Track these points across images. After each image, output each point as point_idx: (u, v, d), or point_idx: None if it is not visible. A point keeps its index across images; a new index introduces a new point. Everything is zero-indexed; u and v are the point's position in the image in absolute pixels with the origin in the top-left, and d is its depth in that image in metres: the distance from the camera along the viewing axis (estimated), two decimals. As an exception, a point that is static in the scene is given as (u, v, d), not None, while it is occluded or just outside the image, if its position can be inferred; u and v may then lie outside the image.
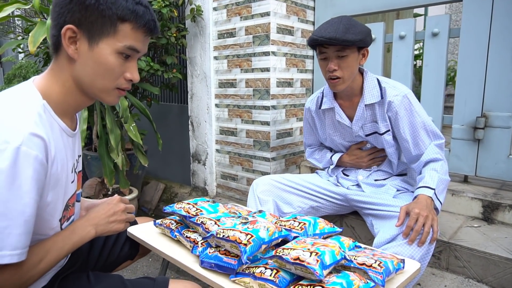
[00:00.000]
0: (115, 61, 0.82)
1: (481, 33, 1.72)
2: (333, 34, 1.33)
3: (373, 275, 0.91)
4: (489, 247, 1.41)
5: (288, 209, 1.65)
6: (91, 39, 0.80)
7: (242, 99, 2.28)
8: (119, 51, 0.82)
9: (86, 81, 0.84)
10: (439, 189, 1.34)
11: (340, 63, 1.39)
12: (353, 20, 1.39)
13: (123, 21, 0.81)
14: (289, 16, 2.18)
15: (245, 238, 0.94)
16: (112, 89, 0.86)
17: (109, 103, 0.90)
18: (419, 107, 1.45)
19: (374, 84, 1.48)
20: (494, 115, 1.72)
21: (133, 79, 0.87)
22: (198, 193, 2.65)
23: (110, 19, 0.80)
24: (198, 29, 2.43)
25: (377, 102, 1.47)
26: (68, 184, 0.89)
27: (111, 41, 0.81)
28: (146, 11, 0.83)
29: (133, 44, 0.83)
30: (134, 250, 1.32)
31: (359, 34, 1.34)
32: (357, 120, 1.53)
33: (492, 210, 1.63)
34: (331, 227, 1.16)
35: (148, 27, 0.83)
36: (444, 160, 1.41)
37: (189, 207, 1.22)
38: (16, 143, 0.70)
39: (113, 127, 2.10)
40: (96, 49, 0.81)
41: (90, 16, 0.79)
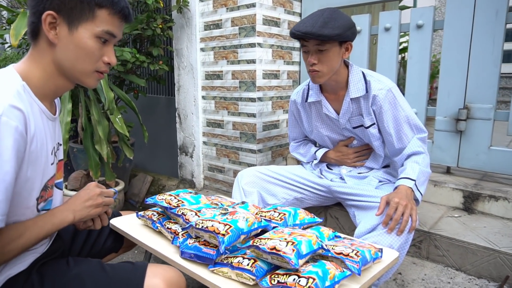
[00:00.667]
0: (94, 44, 0.87)
1: (464, 26, 1.73)
2: (310, 28, 1.32)
3: (350, 264, 0.92)
4: (468, 236, 1.44)
5: (272, 200, 1.66)
6: (71, 24, 0.85)
7: (229, 91, 2.27)
8: (97, 35, 0.87)
9: (67, 64, 0.88)
10: (419, 180, 1.36)
11: (320, 57, 1.39)
12: (337, 13, 1.37)
13: (100, 7, 0.86)
14: (275, 7, 2.17)
15: (223, 229, 0.95)
16: (92, 71, 0.91)
17: (89, 86, 0.94)
18: (403, 101, 1.46)
19: (359, 78, 1.48)
20: (476, 107, 1.74)
21: (111, 62, 0.92)
22: (186, 185, 2.65)
23: (89, 5, 0.85)
24: (184, 21, 2.41)
25: (362, 95, 1.48)
26: (47, 165, 0.91)
27: (90, 25, 0.86)
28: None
29: (110, 29, 0.88)
30: (119, 243, 1.31)
31: (337, 28, 1.32)
32: (343, 113, 1.53)
33: (473, 200, 1.66)
34: (311, 218, 1.17)
35: (123, 13, 0.89)
36: (426, 153, 1.43)
37: (170, 198, 1.22)
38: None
39: (100, 118, 2.09)
40: (76, 34, 0.85)
41: (70, 2, 0.84)
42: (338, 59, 1.42)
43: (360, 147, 1.63)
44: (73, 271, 0.95)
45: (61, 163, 1.04)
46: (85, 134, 2.17)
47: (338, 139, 1.66)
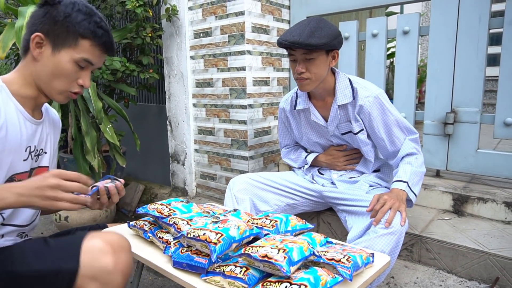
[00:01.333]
0: (71, 68, 0.99)
1: (448, 31, 1.77)
2: (297, 38, 1.34)
3: (341, 269, 0.93)
4: (458, 238, 1.46)
5: (264, 207, 1.66)
6: (55, 47, 0.98)
7: (219, 99, 2.28)
8: (76, 61, 0.99)
9: (43, 79, 1.00)
10: (412, 181, 1.39)
11: (307, 65, 1.41)
12: (323, 22, 1.39)
13: (83, 38, 0.98)
14: (264, 15, 2.19)
15: (215, 237, 0.95)
16: (64, 91, 1.02)
17: (58, 102, 1.05)
18: (391, 106, 1.48)
19: (346, 85, 1.50)
20: (462, 110, 1.77)
21: (84, 85, 1.03)
22: (178, 193, 2.64)
23: (73, 34, 0.97)
24: (174, 29, 2.41)
25: (349, 102, 1.50)
26: (18, 159, 0.99)
27: (71, 52, 0.98)
28: (104, 34, 1.01)
29: (89, 58, 1.00)
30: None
31: (323, 38, 1.35)
32: (331, 120, 1.55)
33: (462, 203, 1.69)
34: (303, 224, 1.17)
35: (104, 46, 1.02)
36: (419, 153, 1.46)
37: (162, 207, 1.22)
38: None
39: (88, 129, 2.08)
40: (58, 56, 0.98)
41: (57, 29, 0.97)
42: (325, 67, 1.44)
43: (350, 150, 1.65)
44: (18, 244, 1.00)
45: (43, 169, 1.11)
46: (75, 144, 2.16)
47: (327, 145, 1.68)
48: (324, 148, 1.71)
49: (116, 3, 2.35)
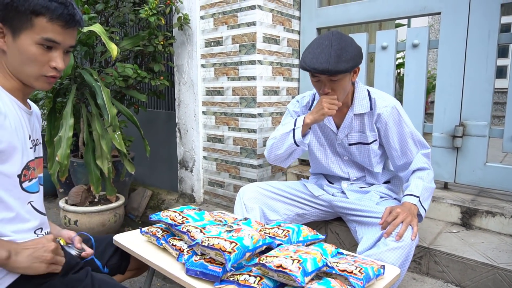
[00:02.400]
0: (36, 51, 0.92)
1: (458, 44, 1.79)
2: (326, 65, 1.32)
3: (354, 281, 0.94)
4: (467, 252, 1.46)
5: (274, 216, 1.67)
6: (14, 32, 0.91)
7: (229, 107, 2.30)
8: (37, 42, 0.92)
9: (15, 68, 0.95)
10: (423, 196, 1.40)
11: (333, 86, 1.41)
12: (344, 41, 1.37)
13: (37, 15, 0.90)
14: (275, 25, 2.22)
15: (229, 246, 0.97)
16: (39, 75, 0.96)
17: (41, 89, 1.00)
18: (407, 118, 1.51)
19: (364, 95, 1.52)
20: (471, 124, 1.79)
21: (57, 67, 0.96)
22: (185, 199, 2.66)
23: (25, 14, 0.89)
24: (185, 37, 2.45)
25: (366, 112, 1.51)
26: (27, 147, 1.00)
27: (30, 33, 0.91)
28: (59, 6, 0.91)
29: (50, 36, 0.92)
30: (124, 262, 1.31)
31: (350, 61, 1.34)
32: (343, 128, 1.56)
33: (470, 216, 1.69)
34: (314, 234, 1.19)
35: (63, 20, 0.92)
36: (430, 169, 1.48)
37: (175, 215, 1.24)
38: None
39: (103, 133, 2.11)
40: (18, 41, 0.91)
41: (9, 13, 0.90)
42: (349, 83, 1.46)
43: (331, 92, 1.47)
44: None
45: (41, 160, 1.12)
46: (86, 149, 2.19)
47: (330, 149, 1.66)
48: (327, 154, 1.68)
49: (130, 11, 2.39)
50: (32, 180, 1.02)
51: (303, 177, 2.17)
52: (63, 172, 2.01)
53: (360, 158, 1.60)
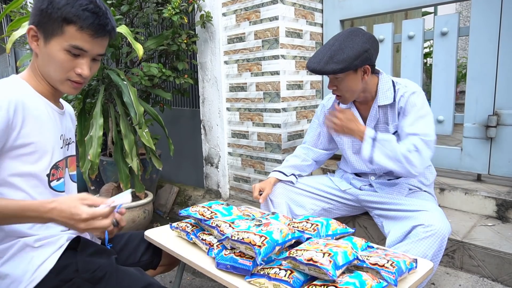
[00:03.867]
0: (63, 57, 0.96)
1: (490, 31, 1.71)
2: (316, 65, 1.39)
3: (386, 274, 0.93)
4: (504, 246, 1.41)
5: (300, 211, 1.67)
6: (46, 37, 0.96)
7: (253, 103, 2.31)
8: (65, 49, 0.95)
9: (44, 71, 1.00)
10: (382, 146, 1.35)
11: (337, 84, 1.44)
12: (348, 41, 1.37)
13: (68, 23, 0.93)
14: (297, 19, 2.20)
15: (259, 240, 0.97)
16: (64, 79, 0.99)
17: (66, 92, 1.04)
18: (421, 105, 1.41)
19: (389, 86, 1.48)
20: (506, 113, 1.71)
21: (82, 74, 0.99)
22: (212, 195, 2.69)
23: (57, 21, 0.93)
24: (208, 35, 2.47)
25: (390, 104, 1.48)
26: (57, 147, 1.03)
27: (59, 40, 0.95)
28: (90, 16, 0.94)
29: (78, 44, 0.95)
30: (156, 258, 1.34)
31: (341, 62, 1.34)
32: (370, 120, 1.54)
33: (507, 208, 1.63)
34: (343, 228, 1.18)
35: (93, 30, 0.95)
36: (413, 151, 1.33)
37: (203, 210, 1.26)
38: None
39: (127, 132, 2.16)
40: (49, 46, 0.96)
41: (43, 18, 0.94)
42: (357, 82, 1.43)
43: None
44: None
45: (74, 158, 1.16)
46: (115, 148, 2.25)
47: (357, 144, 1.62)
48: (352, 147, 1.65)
49: (153, 11, 2.43)
50: (60, 179, 1.05)
51: (329, 171, 2.15)
52: (94, 170, 2.07)
53: None
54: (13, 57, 7.05)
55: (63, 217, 0.87)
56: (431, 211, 1.30)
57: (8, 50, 1.99)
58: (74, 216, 0.87)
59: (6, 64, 7.44)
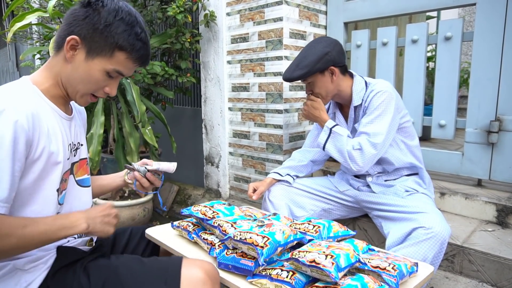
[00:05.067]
0: (101, 77, 0.96)
1: (495, 36, 1.72)
2: (286, 74, 1.58)
3: (387, 278, 0.93)
4: (504, 251, 1.41)
5: (300, 212, 1.67)
6: (89, 53, 0.94)
7: (255, 103, 2.31)
8: (107, 71, 0.96)
9: (71, 81, 0.97)
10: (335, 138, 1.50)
11: (311, 88, 1.59)
12: (311, 48, 1.54)
13: (120, 50, 0.94)
14: (301, 20, 2.20)
15: (261, 241, 0.97)
16: (87, 94, 1.00)
17: (78, 104, 1.03)
18: (381, 104, 1.45)
19: (362, 87, 1.57)
20: (508, 119, 1.72)
21: (110, 94, 1.02)
22: (212, 195, 2.69)
23: (110, 45, 0.93)
24: (211, 34, 2.47)
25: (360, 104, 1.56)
26: (65, 160, 0.98)
27: (104, 61, 0.95)
28: (143, 47, 0.96)
29: (121, 70, 0.97)
30: (155, 254, 1.34)
31: (304, 68, 1.51)
32: (350, 120, 1.63)
33: (507, 214, 1.63)
34: (344, 230, 1.18)
35: (140, 60, 0.98)
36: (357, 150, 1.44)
37: (205, 210, 1.25)
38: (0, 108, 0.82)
39: (132, 130, 2.16)
40: (90, 63, 0.94)
41: (95, 37, 0.93)
42: (328, 84, 1.56)
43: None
44: (113, 264, 1.01)
45: (83, 161, 1.11)
46: (117, 145, 2.25)
47: None
48: None
49: (157, 9, 2.43)
50: (62, 192, 1.00)
51: (330, 173, 2.15)
52: (95, 168, 2.08)
53: None
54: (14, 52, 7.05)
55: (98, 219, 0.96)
56: (431, 213, 1.31)
57: (9, 39, 1.99)
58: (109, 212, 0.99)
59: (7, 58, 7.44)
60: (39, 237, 0.85)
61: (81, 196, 1.09)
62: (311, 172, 1.83)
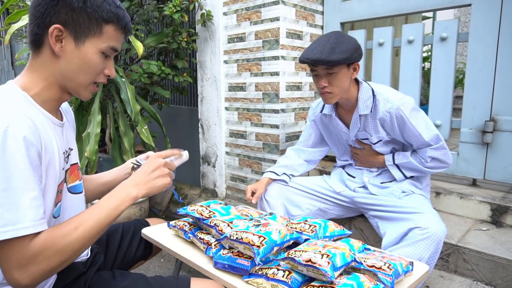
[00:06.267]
0: (98, 59, 0.89)
1: (490, 37, 1.73)
2: (318, 55, 1.38)
3: (383, 277, 0.93)
4: (498, 250, 1.42)
5: (296, 211, 1.68)
6: (77, 38, 0.86)
7: (252, 103, 2.31)
8: (102, 50, 0.89)
9: (68, 76, 0.88)
10: (405, 167, 1.54)
11: (330, 80, 1.44)
12: (342, 37, 1.43)
13: (107, 23, 0.87)
14: (298, 20, 2.21)
15: (258, 240, 0.97)
16: (90, 84, 0.92)
17: (83, 98, 0.95)
18: (414, 116, 1.45)
19: (368, 95, 1.51)
20: (503, 119, 1.73)
21: (111, 75, 0.95)
22: (208, 194, 2.69)
23: (97, 21, 0.86)
24: (208, 34, 2.47)
25: (369, 114, 1.52)
26: (60, 170, 0.90)
27: (96, 41, 0.87)
28: (124, 14, 0.90)
29: (114, 45, 0.90)
30: (148, 250, 1.35)
31: (344, 53, 1.38)
32: (352, 128, 1.59)
33: (501, 213, 1.64)
34: (340, 230, 1.18)
35: (127, 28, 0.92)
36: (430, 161, 1.48)
37: (202, 209, 1.25)
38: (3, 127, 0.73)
39: (126, 129, 2.15)
40: (82, 48, 0.86)
41: (77, 17, 0.84)
42: (347, 80, 1.47)
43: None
44: (121, 285, 0.97)
45: (74, 167, 1.02)
46: (113, 145, 2.24)
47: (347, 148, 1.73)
48: (345, 151, 1.75)
49: (154, 8, 2.43)
50: (57, 204, 0.92)
51: (325, 172, 2.16)
52: (92, 167, 2.07)
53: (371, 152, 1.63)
54: (9, 50, 7.00)
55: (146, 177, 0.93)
56: (427, 214, 1.32)
57: (7, 42, 1.98)
58: (156, 164, 0.95)
59: (2, 57, 7.39)
60: (96, 229, 0.82)
61: (73, 205, 1.00)
62: (306, 171, 1.83)
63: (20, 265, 0.74)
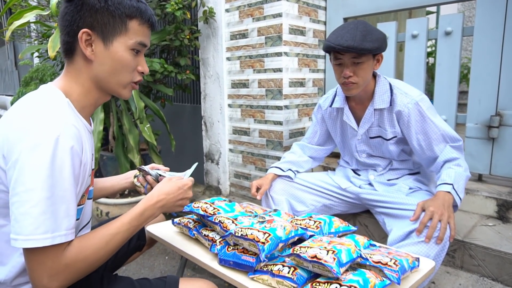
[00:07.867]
0: (129, 57, 0.90)
1: (495, 31, 1.71)
2: (351, 42, 1.32)
3: (389, 273, 0.93)
4: (504, 246, 1.41)
5: (301, 207, 1.67)
6: (105, 39, 0.87)
7: (255, 99, 2.30)
8: (131, 47, 0.90)
9: (104, 78, 0.90)
10: (458, 184, 1.33)
11: (355, 69, 1.39)
12: (369, 26, 1.37)
13: (131, 19, 0.88)
14: (300, 16, 2.19)
15: (263, 237, 0.97)
16: (128, 83, 0.94)
17: (124, 97, 0.97)
18: (432, 113, 1.42)
19: (386, 89, 1.47)
20: (509, 113, 1.71)
21: (144, 71, 0.95)
22: (212, 192, 2.69)
23: (120, 18, 0.87)
24: (210, 31, 2.46)
25: (386, 108, 1.47)
26: (88, 176, 0.94)
27: (123, 39, 0.88)
28: (146, 7, 0.91)
29: (142, 39, 0.91)
30: (142, 240, 1.35)
31: (376, 41, 1.33)
32: (364, 122, 1.53)
33: (507, 209, 1.63)
34: (346, 226, 1.18)
35: (151, 22, 0.92)
36: (461, 158, 1.40)
37: (206, 206, 1.25)
38: (55, 135, 0.76)
39: (131, 127, 2.15)
40: (112, 48, 0.88)
41: (102, 18, 0.86)
42: (371, 70, 1.43)
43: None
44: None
45: (93, 172, 1.06)
46: (116, 143, 2.24)
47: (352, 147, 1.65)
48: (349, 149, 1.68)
49: (156, 6, 2.42)
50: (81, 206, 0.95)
51: (330, 169, 2.15)
52: (95, 166, 2.07)
53: (381, 151, 1.58)
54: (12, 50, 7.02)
55: (175, 203, 0.99)
56: None
57: (8, 38, 1.98)
58: (184, 187, 1.01)
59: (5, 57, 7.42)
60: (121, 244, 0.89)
61: (88, 209, 1.03)
62: (311, 167, 1.82)
63: (52, 272, 0.77)
